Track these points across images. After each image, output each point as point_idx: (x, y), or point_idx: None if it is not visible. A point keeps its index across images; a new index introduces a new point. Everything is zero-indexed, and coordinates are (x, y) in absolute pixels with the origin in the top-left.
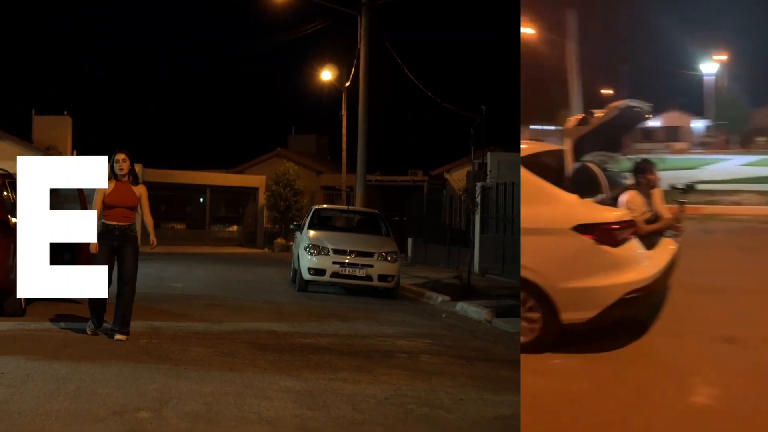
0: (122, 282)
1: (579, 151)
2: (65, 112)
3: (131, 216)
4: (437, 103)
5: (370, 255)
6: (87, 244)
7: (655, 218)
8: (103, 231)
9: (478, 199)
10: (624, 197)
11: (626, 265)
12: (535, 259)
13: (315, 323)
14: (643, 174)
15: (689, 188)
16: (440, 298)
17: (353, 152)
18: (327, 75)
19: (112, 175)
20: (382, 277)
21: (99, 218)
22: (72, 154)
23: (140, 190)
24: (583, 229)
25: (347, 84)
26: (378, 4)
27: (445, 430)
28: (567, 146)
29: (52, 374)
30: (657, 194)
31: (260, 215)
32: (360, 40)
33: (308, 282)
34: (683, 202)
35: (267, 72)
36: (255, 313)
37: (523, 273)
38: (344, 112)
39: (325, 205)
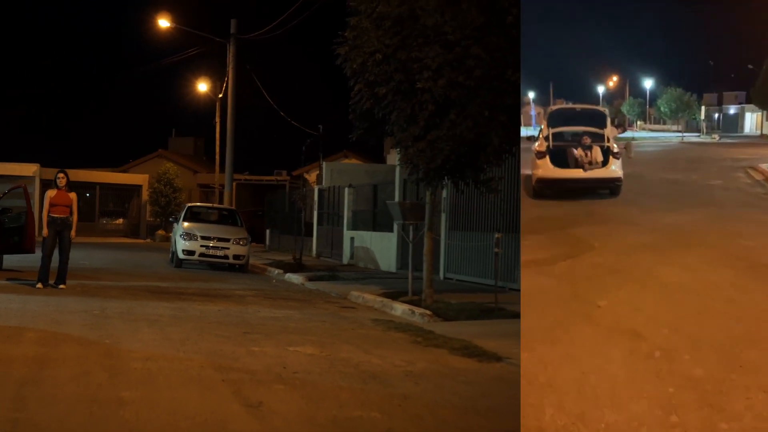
0: (62, 252)
1: (549, 124)
2: None
3: (67, 211)
4: (300, 112)
5: (227, 240)
6: (33, 232)
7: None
8: (50, 221)
9: (316, 199)
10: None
11: (540, 168)
12: (529, 163)
13: (185, 283)
14: (580, 138)
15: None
16: (276, 271)
17: (225, 154)
18: (203, 87)
19: (55, 185)
20: (236, 257)
21: (47, 213)
22: None
23: (73, 196)
24: (534, 152)
25: (220, 95)
26: (244, 37)
27: (242, 320)
28: (544, 124)
29: (37, 300)
30: (595, 148)
31: (143, 209)
32: (229, 64)
33: (182, 260)
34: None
35: (151, 81)
36: (145, 277)
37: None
38: (218, 120)
39: (196, 203)
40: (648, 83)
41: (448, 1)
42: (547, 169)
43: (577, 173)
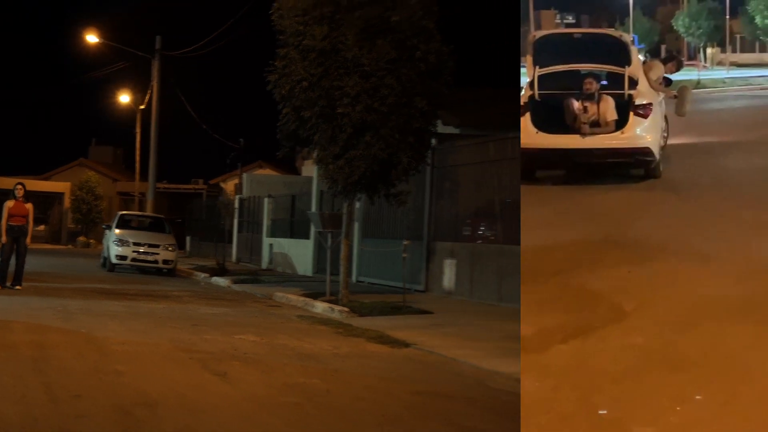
0: (18, 257)
1: (535, 60)
2: None
3: (24, 220)
4: (219, 123)
5: (157, 246)
6: None
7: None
8: (8, 229)
9: (237, 207)
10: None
11: (521, 132)
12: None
13: (124, 285)
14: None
15: None
16: (203, 275)
17: (145, 163)
18: (125, 98)
19: (13, 196)
20: (165, 261)
21: (6, 222)
22: None
23: (29, 206)
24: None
25: (142, 107)
26: (168, 54)
27: (187, 316)
28: (528, 60)
29: (3, 299)
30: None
31: (65, 216)
32: (153, 78)
33: (115, 264)
34: None
35: (72, 92)
36: (86, 280)
37: None
38: (138, 130)
39: (127, 212)
40: None
41: (365, 37)
42: (528, 133)
43: (572, 141)
